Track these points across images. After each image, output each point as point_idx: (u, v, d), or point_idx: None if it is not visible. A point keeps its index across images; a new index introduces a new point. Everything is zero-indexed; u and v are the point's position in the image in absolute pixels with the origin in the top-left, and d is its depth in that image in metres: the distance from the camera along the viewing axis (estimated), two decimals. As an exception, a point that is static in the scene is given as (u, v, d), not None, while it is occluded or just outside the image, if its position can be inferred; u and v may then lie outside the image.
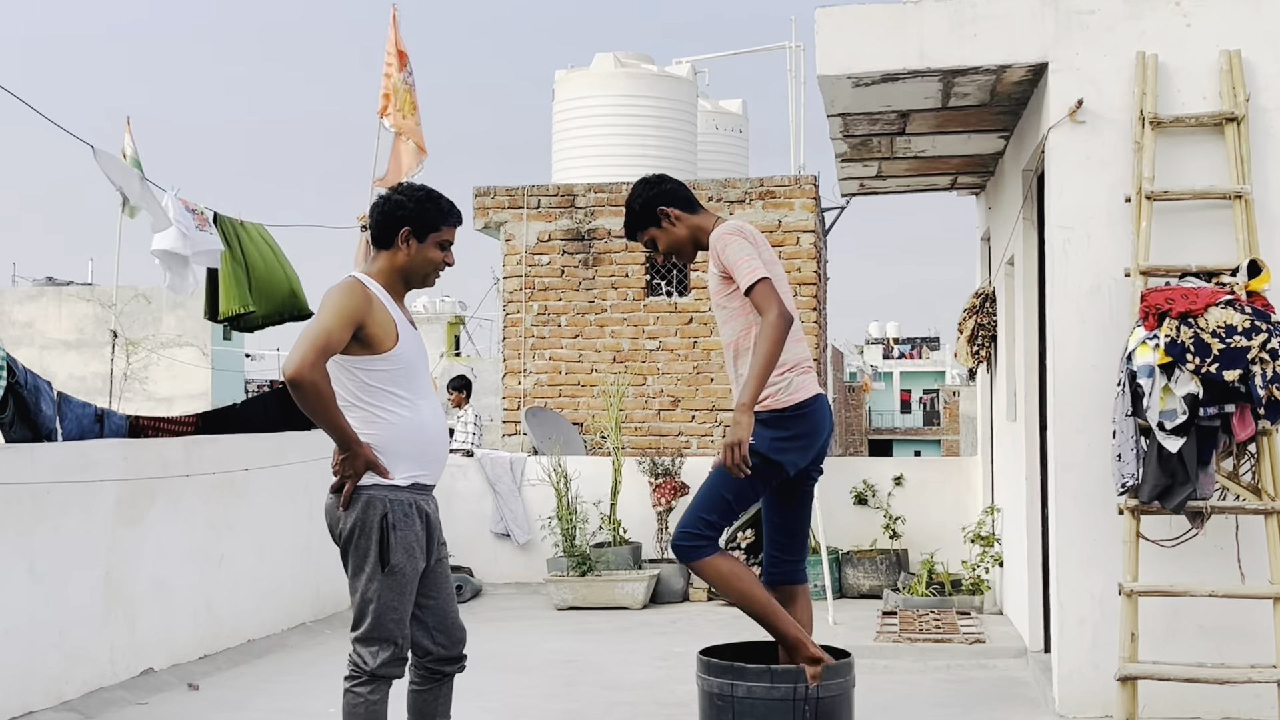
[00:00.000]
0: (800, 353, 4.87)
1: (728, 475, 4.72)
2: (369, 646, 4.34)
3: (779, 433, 4.75)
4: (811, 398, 4.81)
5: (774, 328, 4.60)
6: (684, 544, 4.77)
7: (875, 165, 9.05)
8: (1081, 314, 6.08)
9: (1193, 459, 5.49)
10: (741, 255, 4.73)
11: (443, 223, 4.50)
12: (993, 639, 7.84)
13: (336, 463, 4.33)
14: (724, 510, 4.79)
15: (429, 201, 4.49)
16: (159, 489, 7.45)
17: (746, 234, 4.83)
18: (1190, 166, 6.00)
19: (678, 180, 5.16)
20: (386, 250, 4.49)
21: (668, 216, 5.03)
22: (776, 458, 4.75)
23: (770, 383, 4.76)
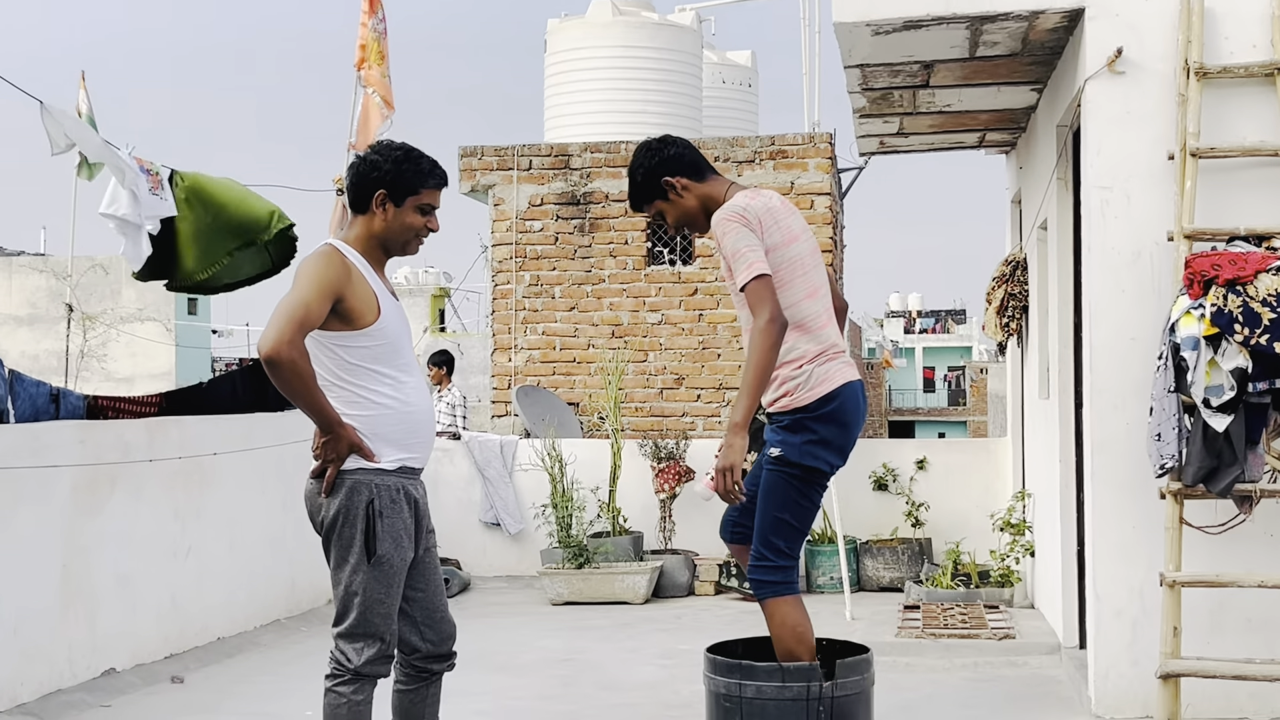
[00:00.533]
0: (822, 340, 4.75)
1: (779, 494, 4.68)
2: (353, 643, 4.36)
3: (806, 436, 4.68)
4: (836, 390, 4.70)
5: (763, 335, 4.51)
6: (755, 578, 4.74)
7: (896, 121, 9.05)
8: (1120, 282, 6.08)
9: (1240, 438, 5.50)
10: (739, 247, 4.62)
11: (422, 185, 4.47)
12: (1023, 634, 7.87)
13: (318, 446, 4.34)
14: (786, 531, 4.72)
15: (407, 161, 4.46)
16: (120, 475, 7.47)
17: (749, 216, 4.68)
18: (1239, 121, 5.99)
19: (684, 142, 5.03)
20: (363, 215, 4.48)
21: (674, 187, 4.92)
22: (812, 464, 4.69)
23: (787, 379, 4.71)
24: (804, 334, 4.72)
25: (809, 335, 4.72)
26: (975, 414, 49.23)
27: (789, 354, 4.72)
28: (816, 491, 4.77)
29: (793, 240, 4.77)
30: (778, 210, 4.79)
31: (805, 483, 4.72)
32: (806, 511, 4.76)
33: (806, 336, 4.72)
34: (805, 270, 4.76)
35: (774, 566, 4.71)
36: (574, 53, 17.81)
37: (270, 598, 9.06)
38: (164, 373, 36.34)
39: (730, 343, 14.00)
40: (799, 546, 4.79)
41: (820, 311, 4.77)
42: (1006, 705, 6.59)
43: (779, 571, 4.72)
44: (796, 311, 4.71)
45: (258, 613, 8.88)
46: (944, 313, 74.83)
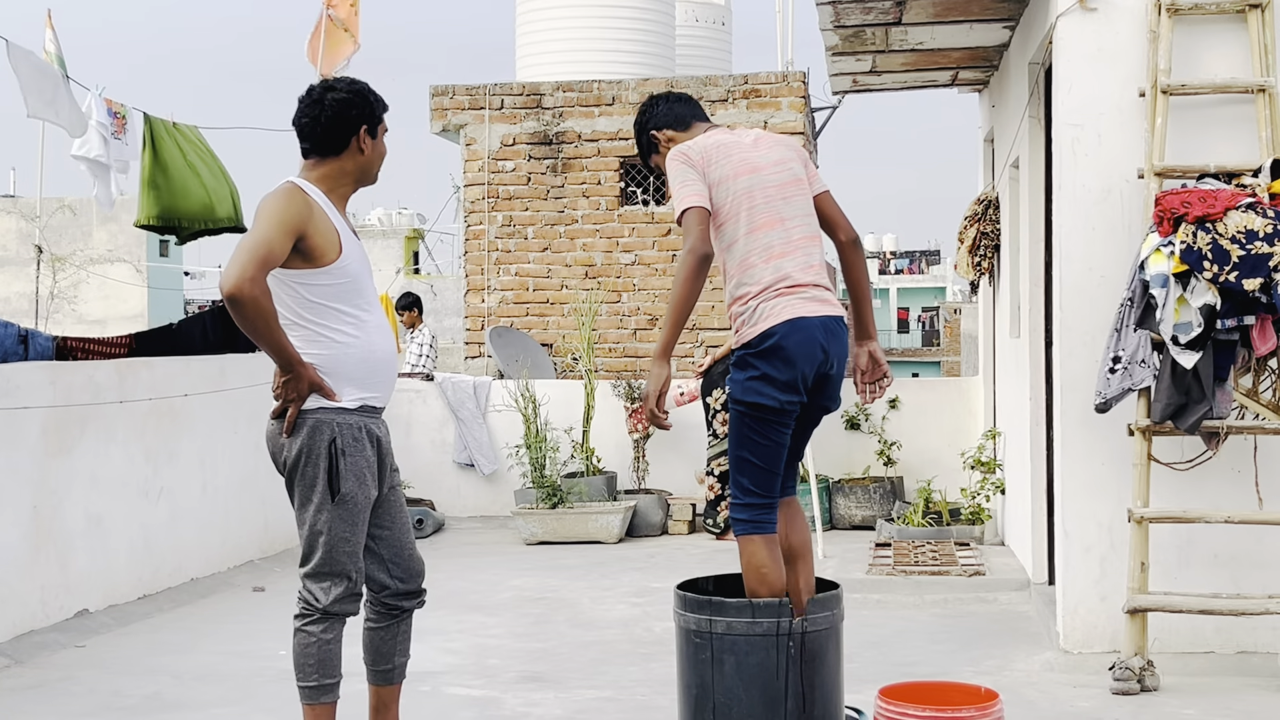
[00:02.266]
0: (771, 273, 4.63)
1: (735, 432, 4.64)
2: (320, 582, 4.36)
3: (749, 372, 4.61)
4: (779, 325, 4.57)
5: (683, 265, 4.51)
6: (732, 517, 4.76)
7: (869, 59, 9.00)
8: (1090, 220, 6.08)
9: (1209, 375, 5.53)
10: (674, 183, 4.64)
11: (383, 112, 4.55)
12: (993, 571, 7.93)
13: (278, 386, 4.31)
14: (748, 469, 4.66)
15: (370, 94, 4.51)
16: (90, 416, 7.44)
17: (690, 154, 4.67)
18: (1210, 58, 5.98)
19: (677, 96, 5.06)
20: (334, 155, 4.45)
21: (660, 141, 4.97)
22: (755, 399, 4.59)
23: (735, 315, 4.64)
24: (750, 269, 4.64)
25: (756, 270, 4.63)
26: (949, 354, 49.35)
27: (736, 290, 4.66)
28: (773, 429, 4.66)
29: (747, 172, 4.69)
30: (731, 146, 4.72)
31: (756, 420, 4.63)
32: (766, 449, 4.66)
33: (753, 272, 4.63)
34: (756, 204, 4.66)
35: (742, 504, 4.70)
36: (546, -9, 17.66)
37: (243, 538, 9.06)
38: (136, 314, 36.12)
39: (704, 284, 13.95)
40: (770, 485, 4.69)
41: (775, 243, 4.65)
42: (976, 640, 6.64)
43: (748, 510, 4.70)
44: (742, 246, 4.65)
45: (231, 553, 8.88)
46: (918, 253, 74.85)
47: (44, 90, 8.44)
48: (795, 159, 4.82)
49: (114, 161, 8.91)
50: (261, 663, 6.36)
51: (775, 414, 4.64)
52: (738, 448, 4.69)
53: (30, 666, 6.40)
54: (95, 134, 8.75)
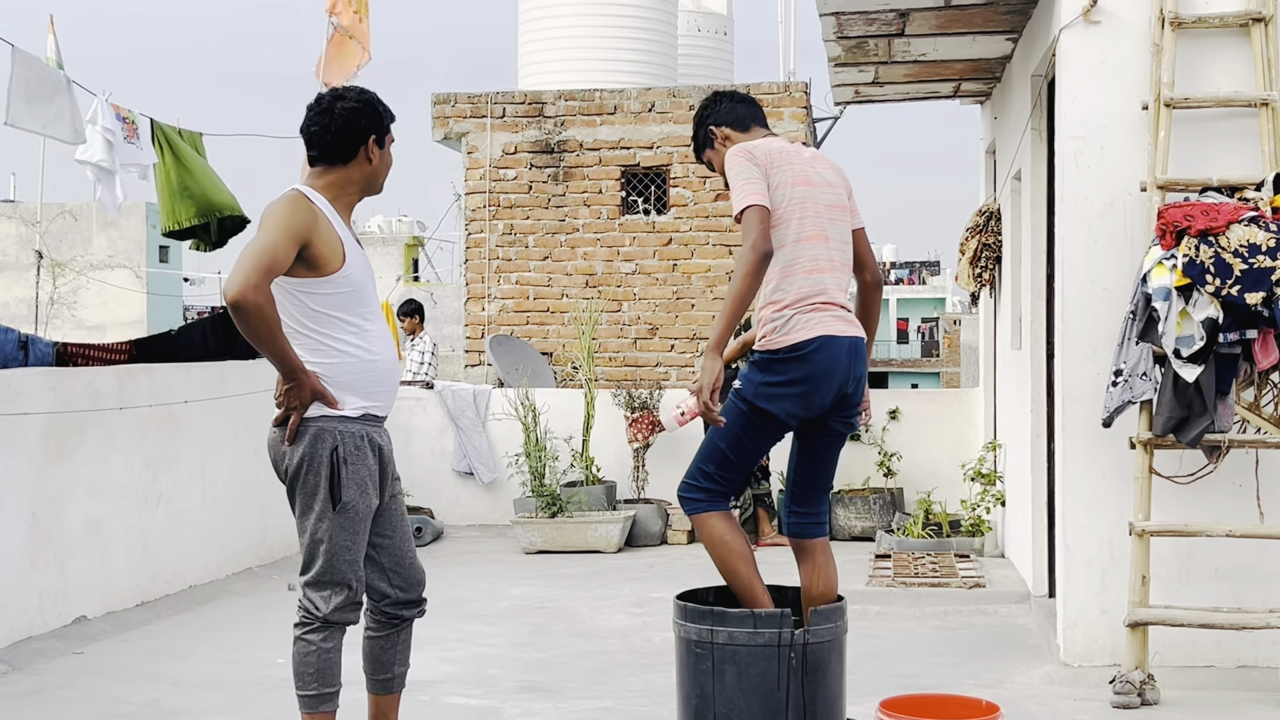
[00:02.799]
0: (811, 286, 4.66)
1: (726, 427, 4.68)
2: (320, 591, 4.36)
3: (769, 377, 4.63)
4: (812, 339, 4.60)
5: (744, 262, 4.52)
6: (681, 494, 4.78)
7: (872, 70, 9.01)
8: (1093, 232, 6.08)
9: (1210, 389, 5.52)
10: (738, 178, 4.65)
11: (391, 122, 4.57)
12: (993, 583, 7.92)
13: (280, 394, 4.32)
14: (721, 461, 4.71)
15: (379, 103, 4.53)
16: (90, 423, 7.43)
17: (754, 152, 4.71)
18: (1213, 71, 5.98)
19: (741, 97, 5.10)
20: (342, 163, 4.46)
21: (716, 137, 5.01)
22: (765, 405, 4.63)
23: (766, 319, 4.66)
24: (791, 277, 4.65)
25: (798, 279, 4.65)
26: (948, 365, 49.37)
27: (773, 294, 4.68)
28: (765, 436, 4.71)
29: (804, 184, 4.73)
30: (792, 155, 4.78)
31: (754, 423, 4.67)
32: (748, 451, 4.73)
33: (794, 280, 4.65)
34: (807, 215, 4.69)
35: (700, 488, 4.74)
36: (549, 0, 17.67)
37: (242, 545, 9.05)
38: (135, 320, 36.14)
39: (704, 293, 13.98)
40: (733, 480, 4.77)
41: (819, 257, 4.68)
42: (976, 653, 6.63)
43: (704, 492, 4.74)
44: (788, 252, 4.66)
45: (230, 560, 8.87)
46: (919, 264, 74.88)
47: (42, 96, 8.43)
48: (843, 187, 4.92)
49: (120, 166, 8.92)
50: (260, 671, 6.35)
51: (775, 424, 4.67)
52: (721, 439, 4.72)
53: (28, 673, 6.39)
54: (100, 139, 8.75)
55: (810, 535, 4.91)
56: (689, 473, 4.79)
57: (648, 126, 14.04)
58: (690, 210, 13.94)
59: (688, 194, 13.94)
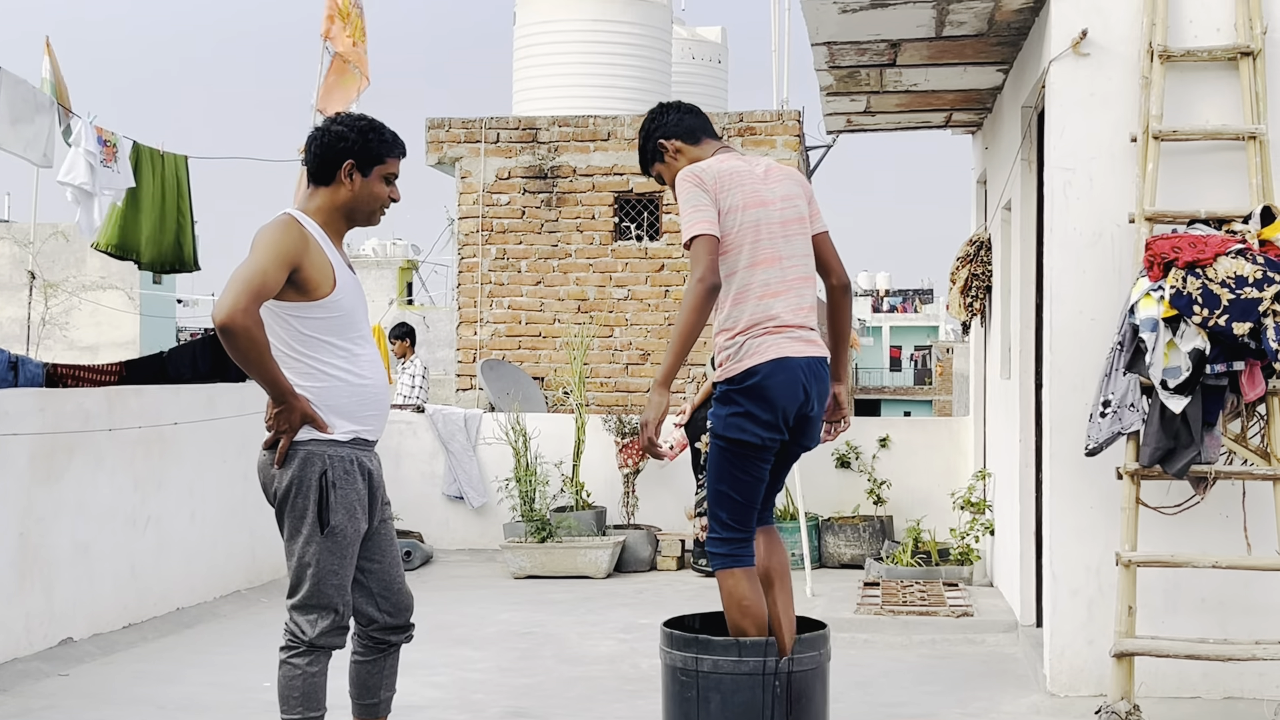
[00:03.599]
0: (762, 311, 4.62)
1: (715, 466, 4.67)
2: (307, 614, 4.36)
3: (732, 409, 4.62)
4: (764, 363, 4.57)
5: (691, 294, 4.48)
6: (708, 550, 4.75)
7: (863, 100, 9.05)
8: (1081, 263, 6.11)
9: (1197, 420, 5.54)
10: (686, 204, 4.61)
11: (387, 154, 4.50)
12: (981, 612, 7.92)
13: (270, 417, 4.33)
14: (728, 504, 4.68)
15: (372, 132, 4.48)
16: (79, 444, 7.43)
17: (704, 177, 4.65)
18: (1201, 105, 6.02)
19: (687, 107, 5.02)
20: (326, 186, 4.48)
21: (666, 150, 4.92)
22: (738, 436, 4.61)
23: (721, 348, 4.65)
24: (743, 304, 4.63)
25: (749, 305, 4.62)
26: (940, 393, 49.45)
27: (725, 321, 4.67)
28: (753, 464, 4.67)
29: (756, 205, 4.68)
30: (743, 174, 4.71)
31: (736, 455, 4.65)
32: (745, 484, 4.68)
33: (745, 306, 4.63)
34: (760, 238, 4.65)
35: (719, 539, 4.72)
36: (543, 26, 17.74)
37: (230, 568, 9.03)
38: (128, 341, 36.09)
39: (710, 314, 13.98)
40: (747, 519, 4.71)
41: (772, 281, 4.65)
42: (963, 682, 6.63)
43: (725, 544, 4.71)
44: (740, 278, 4.64)
45: (218, 583, 8.86)
46: (911, 292, 74.99)
47: (25, 117, 8.44)
48: (802, 196, 4.85)
49: (99, 190, 8.95)
50: (246, 694, 6.33)
51: (756, 450, 4.66)
52: (717, 481, 4.70)
53: (13, 695, 6.37)
54: (82, 161, 8.78)
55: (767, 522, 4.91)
56: (709, 528, 4.77)
57: (641, 153, 14.07)
58: (683, 237, 13.97)
59: (679, 220, 13.98)
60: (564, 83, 17.24)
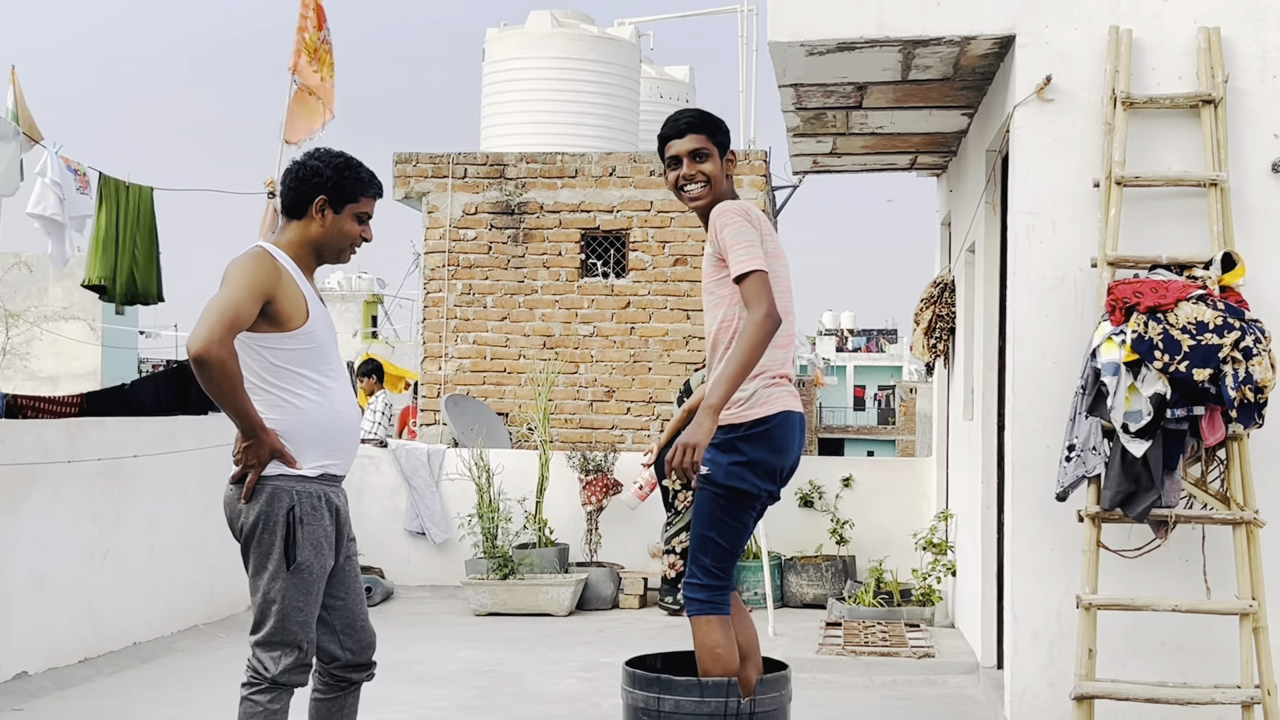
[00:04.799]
0: (777, 360, 4.67)
1: (705, 512, 4.63)
2: (270, 651, 4.33)
3: (734, 457, 4.61)
4: (775, 414, 4.61)
5: (758, 328, 4.41)
6: (686, 595, 4.72)
7: (830, 141, 9.11)
8: (1044, 306, 6.16)
9: (1158, 464, 5.58)
10: (740, 239, 4.52)
11: (362, 193, 4.49)
12: (943, 653, 7.93)
13: (238, 450, 4.31)
14: (714, 551, 4.65)
15: (348, 170, 4.48)
16: (37, 476, 7.37)
17: (751, 216, 4.62)
18: (1163, 151, 6.09)
19: None
20: (298, 220, 4.47)
21: (730, 160, 4.86)
22: (737, 485, 4.61)
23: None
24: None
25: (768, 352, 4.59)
26: (904, 433, 49.60)
27: None
28: (746, 513, 4.68)
29: (777, 256, 4.71)
30: (768, 224, 4.74)
31: (732, 504, 4.64)
32: (735, 532, 4.67)
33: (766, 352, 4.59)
34: (779, 289, 4.65)
35: (700, 585, 4.69)
36: (512, 63, 17.79)
37: (189, 603, 8.96)
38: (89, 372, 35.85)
39: (661, 356, 14.02)
40: (730, 566, 4.70)
41: (783, 333, 4.66)
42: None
43: (705, 590, 4.69)
44: None
45: (176, 618, 8.79)
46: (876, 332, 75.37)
47: None
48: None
49: (69, 219, 8.92)
50: (203, 731, 6.28)
51: (751, 499, 4.66)
52: (706, 528, 4.66)
53: (-34, 729, 6.29)
54: (50, 192, 8.75)
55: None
56: (688, 570, 4.73)
57: (608, 190, 14.13)
58: (649, 274, 14.00)
59: (647, 258, 14.01)
60: (532, 119, 17.29)
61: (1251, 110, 6.07)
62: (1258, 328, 5.54)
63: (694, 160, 4.83)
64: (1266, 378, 5.49)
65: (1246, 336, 5.48)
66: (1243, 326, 5.50)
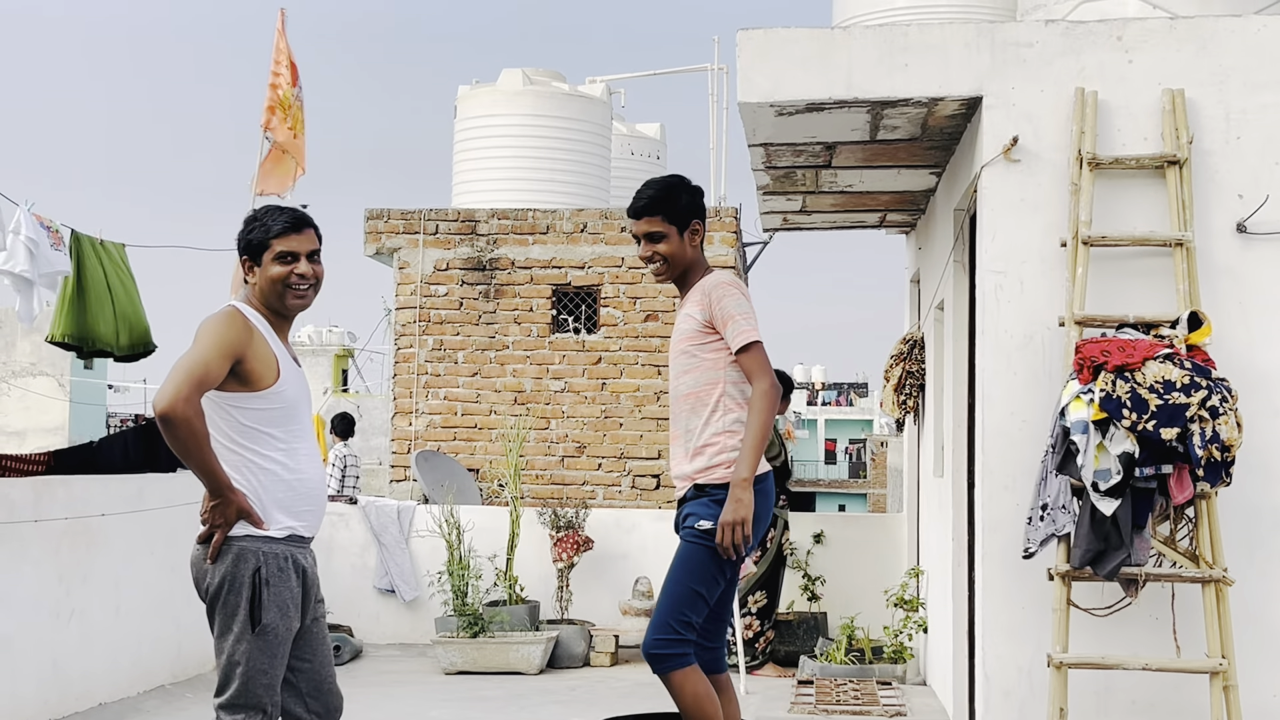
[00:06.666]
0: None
1: (697, 568, 4.75)
2: (235, 714, 4.29)
3: None
4: (765, 472, 4.84)
5: (767, 397, 4.73)
6: (660, 651, 4.74)
7: (799, 199, 9.17)
8: (1012, 364, 6.18)
9: (1127, 522, 5.59)
10: (741, 310, 4.83)
11: (269, 237, 4.47)
12: (915, 712, 7.91)
13: (206, 510, 4.29)
14: (698, 606, 4.79)
15: (254, 222, 4.52)
16: (4, 535, 7.30)
17: (744, 290, 4.93)
18: (1129, 211, 6.14)
19: None
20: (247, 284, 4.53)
21: (697, 232, 5.04)
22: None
23: (727, 448, 4.82)
24: (745, 413, 4.85)
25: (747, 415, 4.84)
26: (876, 486, 49.65)
27: (734, 424, 4.82)
28: (729, 568, 4.84)
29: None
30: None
31: (721, 560, 4.77)
32: (718, 587, 4.84)
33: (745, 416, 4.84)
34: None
35: (679, 639, 4.74)
36: (484, 119, 17.83)
37: (155, 663, 8.86)
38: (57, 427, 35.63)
39: (633, 412, 14.02)
40: (698, 622, 4.82)
41: None
42: (896, 783, 6.60)
43: (682, 644, 4.75)
44: (746, 390, 4.87)
45: (142, 677, 8.68)
46: (847, 385, 75.56)
47: None
48: None
49: (40, 276, 8.88)
50: (169, 794, 6.20)
51: (738, 554, 4.72)
52: (698, 583, 4.76)
53: (-73, 794, 6.20)
54: (22, 249, 8.71)
55: (721, 669, 5.00)
56: (661, 625, 4.75)
57: (579, 246, 14.17)
58: (620, 330, 14.03)
59: (618, 314, 14.04)
60: (503, 176, 17.31)
61: (1216, 170, 6.14)
62: (1224, 387, 5.58)
63: (650, 242, 5.04)
64: (1233, 437, 5.52)
65: (1213, 396, 5.51)
66: (1209, 385, 5.53)
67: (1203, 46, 6.20)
